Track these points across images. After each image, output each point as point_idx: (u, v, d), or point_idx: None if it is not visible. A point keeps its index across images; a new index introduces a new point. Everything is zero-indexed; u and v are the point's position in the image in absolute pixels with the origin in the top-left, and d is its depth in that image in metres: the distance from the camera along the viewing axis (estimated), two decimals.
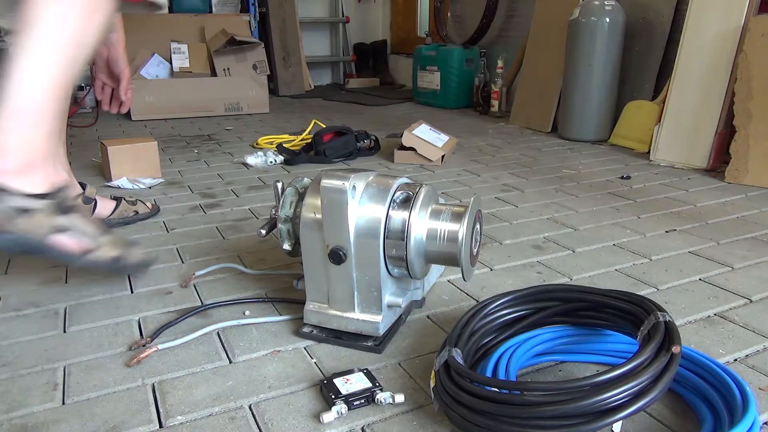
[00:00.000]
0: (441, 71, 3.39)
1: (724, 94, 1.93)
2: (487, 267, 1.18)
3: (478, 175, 1.93)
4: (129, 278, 1.12)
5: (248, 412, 0.73)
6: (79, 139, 2.54)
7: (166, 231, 1.39)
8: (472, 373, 0.68)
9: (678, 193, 1.71)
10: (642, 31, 2.45)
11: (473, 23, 3.46)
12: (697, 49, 1.99)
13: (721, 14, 1.94)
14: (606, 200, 1.64)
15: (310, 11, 4.45)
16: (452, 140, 2.20)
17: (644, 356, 0.62)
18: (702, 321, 0.96)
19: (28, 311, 1.00)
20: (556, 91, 2.61)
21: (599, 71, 2.37)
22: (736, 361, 0.84)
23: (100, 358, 0.86)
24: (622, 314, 0.77)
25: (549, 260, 1.21)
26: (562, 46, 2.48)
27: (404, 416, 0.72)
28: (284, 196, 0.93)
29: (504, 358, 0.76)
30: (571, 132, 2.49)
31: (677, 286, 1.09)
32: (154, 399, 0.76)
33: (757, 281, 1.11)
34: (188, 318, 0.96)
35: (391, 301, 0.87)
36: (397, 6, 4.47)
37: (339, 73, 4.65)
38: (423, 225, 0.85)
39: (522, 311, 0.83)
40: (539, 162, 2.11)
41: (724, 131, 1.95)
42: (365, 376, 0.77)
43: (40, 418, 0.72)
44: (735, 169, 1.84)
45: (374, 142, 2.22)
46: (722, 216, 1.50)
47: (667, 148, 2.07)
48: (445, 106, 3.41)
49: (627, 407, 0.59)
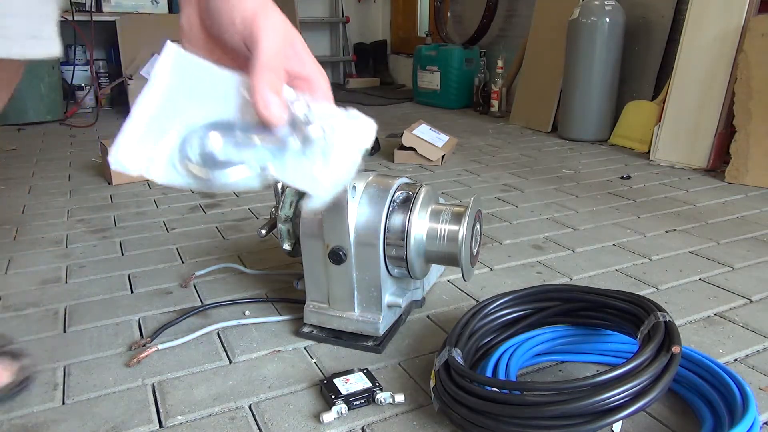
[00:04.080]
0: (441, 71, 3.39)
1: (724, 94, 1.93)
2: (487, 267, 1.18)
3: (478, 175, 1.93)
4: (129, 278, 1.12)
5: (248, 412, 0.73)
6: (79, 139, 2.54)
7: (166, 231, 1.39)
8: (472, 373, 0.68)
9: (678, 193, 1.71)
10: (642, 31, 2.45)
11: (473, 23, 3.45)
12: (697, 49, 1.99)
13: (721, 14, 1.94)
14: (606, 200, 1.64)
15: (310, 11, 4.44)
16: (452, 140, 2.20)
17: (644, 356, 0.62)
18: (702, 321, 0.96)
19: (28, 311, 1.00)
20: (556, 91, 2.61)
21: (599, 71, 2.36)
22: (736, 361, 0.84)
23: (100, 358, 0.86)
24: (622, 314, 0.77)
25: (549, 260, 1.21)
26: (562, 46, 2.48)
27: (404, 416, 0.72)
28: (284, 196, 0.93)
29: (504, 358, 0.76)
30: (571, 132, 2.49)
31: (677, 286, 1.09)
32: (154, 399, 0.76)
33: (757, 281, 1.11)
34: (188, 318, 0.96)
35: (391, 301, 0.87)
36: (397, 6, 4.47)
37: (339, 73, 4.65)
38: (423, 225, 0.85)
39: (522, 311, 0.83)
40: (539, 162, 2.11)
41: (724, 131, 1.95)
42: (365, 376, 0.77)
43: (40, 418, 0.72)
44: (735, 169, 1.84)
45: (374, 142, 2.22)
46: (722, 216, 1.50)
47: (667, 148, 2.07)
48: (445, 106, 3.41)
49: (627, 407, 0.59)
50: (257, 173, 0.43)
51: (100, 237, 1.35)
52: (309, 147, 0.44)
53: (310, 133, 0.43)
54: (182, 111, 0.44)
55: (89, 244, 1.31)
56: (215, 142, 0.43)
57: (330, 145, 0.44)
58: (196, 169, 0.43)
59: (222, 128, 0.44)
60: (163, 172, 0.44)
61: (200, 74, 0.45)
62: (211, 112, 0.44)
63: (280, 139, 0.43)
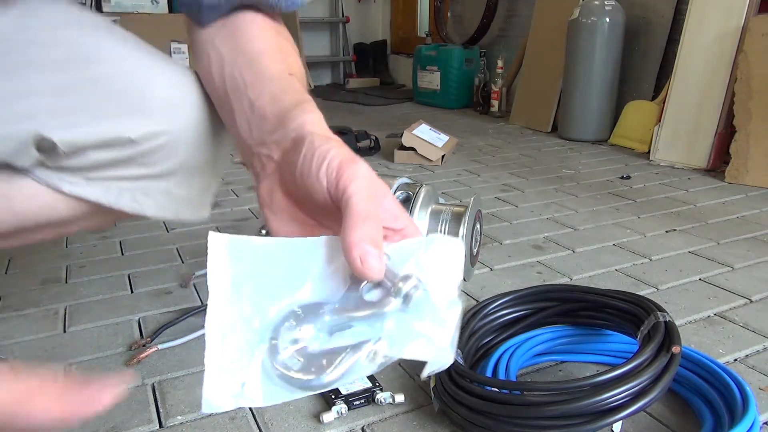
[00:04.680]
0: (441, 71, 3.39)
1: (724, 94, 1.93)
2: (487, 267, 1.18)
3: (478, 175, 1.93)
4: (129, 278, 1.12)
5: (248, 412, 0.73)
6: None
7: (166, 231, 1.39)
8: (472, 373, 0.68)
9: (678, 193, 1.71)
10: (642, 31, 2.45)
11: (473, 23, 3.45)
12: (697, 49, 1.99)
13: (721, 14, 1.94)
14: (606, 200, 1.64)
15: (310, 11, 4.44)
16: (452, 140, 2.20)
17: (644, 356, 0.62)
18: (702, 321, 0.96)
19: (28, 311, 1.00)
20: (556, 91, 2.61)
21: (599, 71, 2.36)
22: (736, 361, 0.84)
23: (100, 358, 0.86)
24: (622, 314, 0.77)
25: (549, 260, 1.21)
26: (562, 46, 2.48)
27: (404, 416, 0.72)
28: None
29: (504, 358, 0.76)
30: (571, 132, 2.49)
31: (677, 286, 1.09)
32: (154, 399, 0.76)
33: (757, 281, 1.11)
34: (188, 318, 0.96)
35: None
36: (397, 6, 4.47)
37: (339, 73, 4.65)
38: (423, 225, 0.85)
39: (522, 311, 0.83)
40: (539, 162, 2.11)
41: (724, 131, 1.95)
42: (365, 376, 0.77)
43: None
44: (735, 169, 1.84)
45: (374, 142, 2.23)
46: (722, 216, 1.50)
47: (667, 148, 2.07)
48: (445, 106, 3.41)
49: (627, 407, 0.59)
50: (369, 358, 0.35)
51: (100, 237, 1.35)
52: (412, 306, 0.35)
53: (407, 288, 0.35)
54: (258, 311, 0.36)
55: (89, 244, 1.31)
56: (307, 336, 0.35)
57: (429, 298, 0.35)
58: (299, 375, 0.34)
59: (309, 314, 0.36)
60: (262, 393, 0.35)
61: (263, 258, 0.37)
62: (288, 299, 0.36)
63: (377, 306, 0.35)
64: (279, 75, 0.51)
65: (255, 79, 0.50)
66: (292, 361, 0.34)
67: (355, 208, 0.36)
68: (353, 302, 0.36)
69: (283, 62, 0.52)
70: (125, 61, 0.57)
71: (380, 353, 0.35)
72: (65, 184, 0.57)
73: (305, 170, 0.40)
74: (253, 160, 0.47)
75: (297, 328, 0.35)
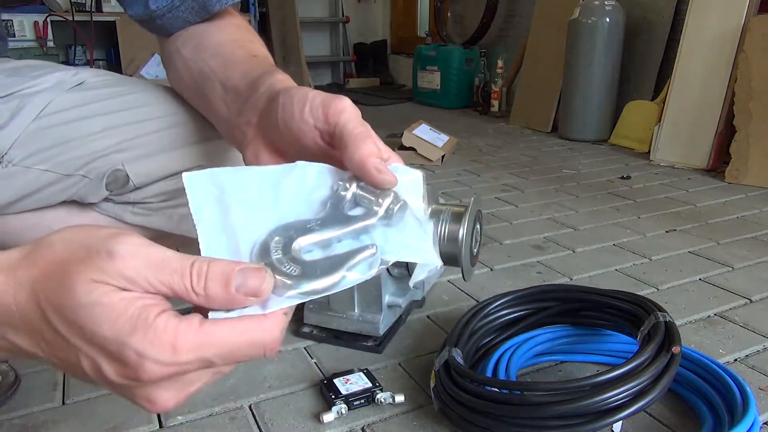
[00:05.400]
0: (441, 71, 3.39)
1: (724, 94, 1.93)
2: (487, 267, 1.18)
3: (478, 175, 1.93)
4: None
5: (248, 412, 0.73)
6: None
7: None
8: (472, 373, 0.68)
9: (678, 193, 1.71)
10: (642, 31, 2.45)
11: (473, 23, 3.45)
12: (697, 49, 1.99)
13: (721, 14, 1.94)
14: (606, 200, 1.64)
15: (310, 11, 4.44)
16: (452, 140, 2.20)
17: (644, 356, 0.62)
18: (702, 321, 0.96)
19: None
20: (556, 91, 2.60)
21: (599, 71, 2.36)
22: (736, 361, 0.84)
23: None
24: (622, 314, 0.77)
25: (549, 260, 1.21)
26: (562, 46, 2.48)
27: (404, 416, 0.72)
28: None
29: (504, 358, 0.76)
30: (571, 132, 2.49)
31: (677, 286, 1.09)
32: None
33: (757, 281, 1.11)
34: None
35: (391, 301, 0.87)
36: (397, 6, 4.47)
37: (339, 73, 4.65)
38: None
39: (522, 311, 0.83)
40: (539, 162, 2.11)
41: (724, 131, 1.95)
42: (365, 376, 0.77)
43: (40, 418, 0.72)
44: (735, 169, 1.84)
45: None
46: (722, 216, 1.50)
47: (667, 148, 2.07)
48: (445, 106, 3.41)
49: (627, 407, 0.59)
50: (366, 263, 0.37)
51: None
52: (394, 219, 0.39)
53: (389, 203, 0.38)
54: (246, 236, 0.36)
55: None
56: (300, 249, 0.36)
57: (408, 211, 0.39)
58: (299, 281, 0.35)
59: (298, 231, 0.37)
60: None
61: (243, 186, 0.38)
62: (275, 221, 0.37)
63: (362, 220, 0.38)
64: (244, 58, 0.53)
65: (222, 65, 0.53)
66: (289, 268, 0.35)
67: (354, 131, 0.39)
68: (338, 219, 0.38)
69: (244, 47, 0.55)
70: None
71: (376, 258, 0.38)
72: (128, 214, 0.60)
73: (287, 116, 0.41)
74: (234, 133, 0.49)
75: (289, 244, 0.36)
